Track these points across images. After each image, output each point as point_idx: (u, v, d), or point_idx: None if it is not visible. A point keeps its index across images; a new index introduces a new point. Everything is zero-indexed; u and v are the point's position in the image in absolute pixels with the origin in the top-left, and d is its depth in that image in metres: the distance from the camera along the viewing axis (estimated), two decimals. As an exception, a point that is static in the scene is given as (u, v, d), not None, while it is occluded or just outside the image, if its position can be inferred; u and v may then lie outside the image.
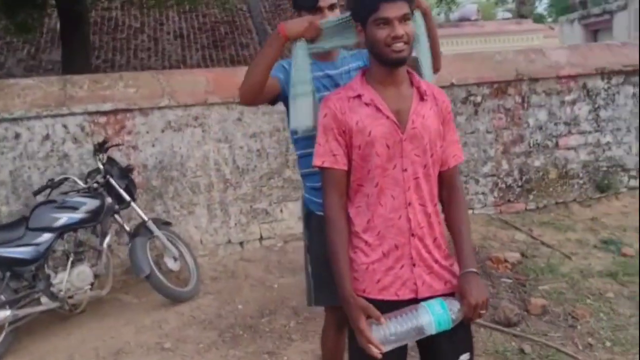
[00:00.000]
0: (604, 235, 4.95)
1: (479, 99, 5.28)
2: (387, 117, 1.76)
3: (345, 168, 1.79)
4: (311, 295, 2.33)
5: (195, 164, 4.70)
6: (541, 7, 23.57)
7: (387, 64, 1.77)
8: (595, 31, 12.66)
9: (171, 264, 4.13)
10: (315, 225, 2.26)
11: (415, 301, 1.75)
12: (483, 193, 5.40)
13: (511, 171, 5.42)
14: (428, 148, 1.79)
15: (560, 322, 3.50)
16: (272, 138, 4.85)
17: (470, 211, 5.37)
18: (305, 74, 1.92)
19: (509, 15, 16.65)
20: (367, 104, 1.77)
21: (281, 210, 4.95)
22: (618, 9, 11.62)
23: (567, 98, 5.52)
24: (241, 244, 4.90)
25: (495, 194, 5.42)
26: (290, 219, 4.97)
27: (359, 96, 1.79)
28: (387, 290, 1.77)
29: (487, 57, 5.40)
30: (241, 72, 2.13)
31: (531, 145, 5.47)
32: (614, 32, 11.52)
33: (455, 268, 1.83)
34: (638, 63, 5.50)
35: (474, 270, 1.76)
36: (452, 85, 5.16)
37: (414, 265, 1.78)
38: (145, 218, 4.06)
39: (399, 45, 1.71)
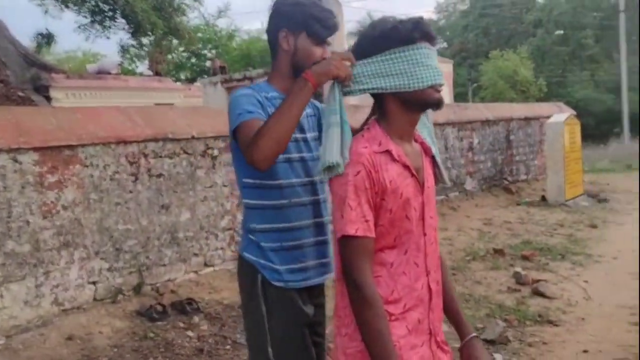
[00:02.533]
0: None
1: (216, 152, 5.17)
2: (412, 176, 1.60)
3: (374, 236, 1.54)
4: None
5: None
6: (177, 69, 24.56)
7: (422, 108, 1.62)
8: (236, 94, 13.89)
9: None
10: (275, 297, 1.86)
11: None
12: (222, 248, 5.25)
13: (244, 224, 5.43)
14: (436, 208, 1.70)
15: None
16: (-12, 201, 3.67)
17: (211, 269, 5.15)
18: (336, 106, 1.59)
19: (149, 72, 16.82)
20: (395, 161, 1.57)
21: (1, 296, 3.75)
22: (258, 76, 13.14)
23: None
24: (-59, 351, 3.48)
25: (232, 248, 5.34)
26: (14, 305, 3.81)
27: (387, 151, 1.56)
28: None
29: (219, 112, 5.37)
30: None
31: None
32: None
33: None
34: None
35: (477, 334, 1.75)
36: (193, 138, 4.93)
37: (430, 341, 1.64)
38: None
39: None
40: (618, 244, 6.62)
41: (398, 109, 1.59)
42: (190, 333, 4.01)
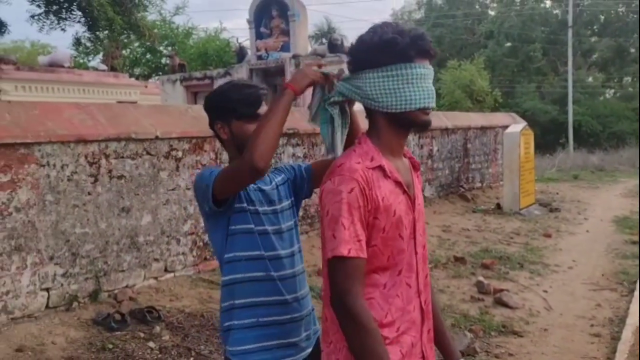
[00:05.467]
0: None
1: (180, 154, 4.99)
2: (404, 193, 1.55)
3: (366, 256, 1.47)
4: None
5: None
6: (132, 64, 23.60)
7: (408, 128, 1.58)
8: (195, 93, 13.65)
9: None
10: None
11: None
12: (183, 253, 5.06)
13: (207, 228, 5.26)
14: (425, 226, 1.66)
15: None
16: None
17: (171, 275, 4.96)
18: (321, 103, 1.74)
19: (104, 67, 16.16)
20: (387, 177, 1.51)
21: (-54, 304, 3.48)
22: (218, 76, 12.91)
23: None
24: None
25: (195, 253, 5.16)
26: (-41, 314, 3.54)
27: (380, 167, 1.51)
28: None
29: (183, 111, 5.19)
30: None
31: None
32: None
33: None
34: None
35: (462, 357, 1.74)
36: (157, 138, 4.74)
37: None
38: None
39: None
40: (572, 254, 6.80)
41: (386, 125, 1.56)
42: (151, 344, 3.82)
